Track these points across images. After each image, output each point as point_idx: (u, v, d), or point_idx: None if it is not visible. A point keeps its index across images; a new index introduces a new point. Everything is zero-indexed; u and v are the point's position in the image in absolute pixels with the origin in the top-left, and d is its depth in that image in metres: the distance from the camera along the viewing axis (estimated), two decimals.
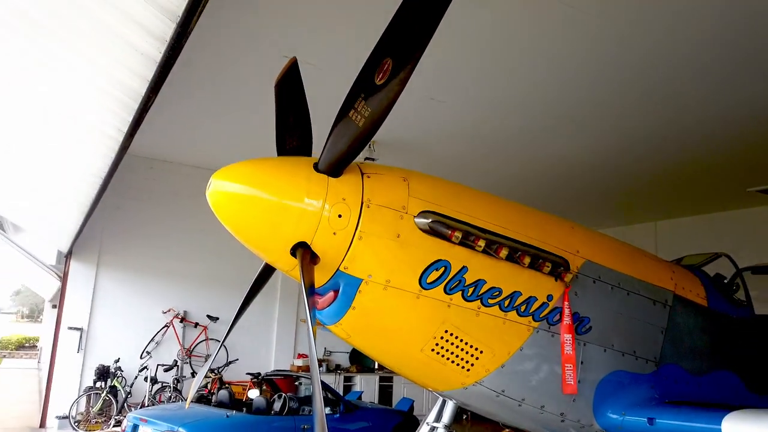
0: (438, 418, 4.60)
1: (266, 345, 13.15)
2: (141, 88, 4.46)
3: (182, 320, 12.09)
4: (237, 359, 11.84)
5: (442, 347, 3.50)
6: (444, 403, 4.62)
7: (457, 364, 3.57)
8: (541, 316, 3.72)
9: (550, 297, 3.74)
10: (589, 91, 7.69)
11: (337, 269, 3.25)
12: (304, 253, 3.12)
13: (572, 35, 6.33)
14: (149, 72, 4.19)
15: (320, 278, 3.31)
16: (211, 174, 3.15)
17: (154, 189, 12.25)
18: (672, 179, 11.14)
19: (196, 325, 12.23)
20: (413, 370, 3.88)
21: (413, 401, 10.83)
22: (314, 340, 2.87)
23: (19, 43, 4.51)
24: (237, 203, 3.12)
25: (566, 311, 3.73)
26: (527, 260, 3.61)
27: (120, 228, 11.88)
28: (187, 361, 11.85)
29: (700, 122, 8.38)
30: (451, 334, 3.48)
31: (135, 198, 12.01)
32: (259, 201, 3.09)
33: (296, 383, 11.26)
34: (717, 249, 5.47)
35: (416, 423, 9.00)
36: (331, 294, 3.37)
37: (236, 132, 10.04)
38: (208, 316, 12.24)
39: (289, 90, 3.80)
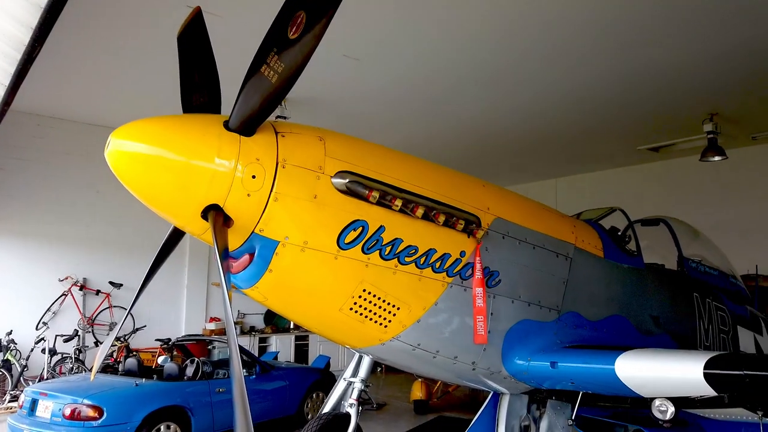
0: (354, 374, 4.70)
1: (176, 310, 12.72)
2: (25, 37, 4.01)
3: (82, 288, 11.41)
4: (144, 326, 11.39)
5: (360, 306, 3.54)
6: (360, 358, 4.72)
7: (375, 321, 3.63)
8: (454, 271, 3.84)
9: (463, 253, 3.87)
10: (492, 53, 7.84)
11: (252, 232, 3.17)
12: (216, 216, 3.01)
13: None
14: (33, 18, 3.76)
15: (234, 241, 3.21)
16: (109, 132, 2.92)
17: (43, 148, 11.24)
18: (571, 138, 11.77)
19: (98, 292, 11.58)
20: (332, 330, 3.91)
21: (329, 358, 11.01)
22: (230, 304, 2.80)
23: None
24: (140, 164, 2.92)
25: (478, 266, 3.88)
26: (442, 218, 3.70)
27: (3, 191, 10.87)
28: (90, 330, 11.27)
29: (600, 85, 8.82)
30: (369, 293, 3.53)
31: (20, 158, 10.99)
32: (166, 161, 2.92)
33: (209, 347, 11.05)
34: (612, 204, 5.87)
35: (333, 379, 9.17)
36: (246, 257, 3.29)
37: (136, 87, 9.36)
38: (111, 283, 11.63)
39: (194, 42, 3.56)
